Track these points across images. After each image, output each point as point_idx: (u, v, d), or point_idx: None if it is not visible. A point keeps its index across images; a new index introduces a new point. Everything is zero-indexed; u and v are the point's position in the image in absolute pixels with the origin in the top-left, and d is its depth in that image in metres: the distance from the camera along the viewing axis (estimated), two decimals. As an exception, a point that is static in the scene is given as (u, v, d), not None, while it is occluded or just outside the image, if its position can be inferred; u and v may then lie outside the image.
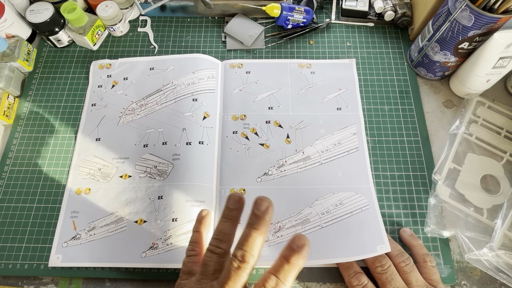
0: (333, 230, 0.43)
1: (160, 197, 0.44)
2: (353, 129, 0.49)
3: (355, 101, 0.51)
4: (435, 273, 0.39)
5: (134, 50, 0.56)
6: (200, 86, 0.51)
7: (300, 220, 0.43)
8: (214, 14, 0.59)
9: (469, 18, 0.41)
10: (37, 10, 0.52)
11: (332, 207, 0.44)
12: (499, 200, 0.44)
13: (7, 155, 0.49)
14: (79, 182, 0.46)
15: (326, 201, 0.44)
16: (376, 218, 0.43)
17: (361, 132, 0.49)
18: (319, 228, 0.43)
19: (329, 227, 0.43)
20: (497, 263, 0.40)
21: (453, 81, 0.52)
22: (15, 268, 0.43)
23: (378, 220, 0.43)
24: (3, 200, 0.46)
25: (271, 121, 0.50)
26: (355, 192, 0.45)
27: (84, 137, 0.49)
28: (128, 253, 0.42)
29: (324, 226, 0.43)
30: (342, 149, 0.48)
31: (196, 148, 0.47)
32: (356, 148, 0.48)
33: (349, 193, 0.45)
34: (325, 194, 0.45)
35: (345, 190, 0.45)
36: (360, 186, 0.46)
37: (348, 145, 0.48)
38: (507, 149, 0.47)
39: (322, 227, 0.43)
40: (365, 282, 0.38)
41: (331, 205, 0.44)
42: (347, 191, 0.45)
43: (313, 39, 0.57)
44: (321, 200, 0.44)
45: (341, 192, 0.45)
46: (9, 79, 0.51)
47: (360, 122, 0.50)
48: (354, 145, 0.48)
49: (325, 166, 0.47)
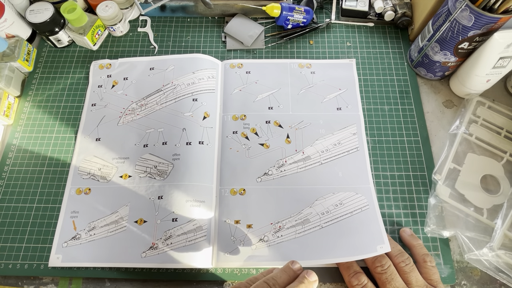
0: (333, 230, 0.43)
1: (160, 197, 0.44)
2: (353, 129, 0.49)
3: (355, 101, 0.51)
4: (435, 273, 0.39)
5: (134, 50, 0.56)
6: (200, 86, 0.51)
7: (300, 220, 0.43)
8: (214, 14, 0.59)
9: (469, 18, 0.41)
10: (37, 10, 0.52)
11: (332, 207, 0.44)
12: (499, 200, 0.44)
13: (7, 155, 0.49)
14: (79, 182, 0.46)
15: (326, 201, 0.44)
16: (376, 218, 0.43)
17: (361, 132, 0.49)
18: (319, 228, 0.43)
19: (329, 227, 0.43)
20: (497, 263, 0.40)
21: (453, 81, 0.52)
22: (15, 268, 0.43)
23: (378, 220, 0.43)
24: (3, 200, 0.46)
25: (271, 121, 0.50)
26: (355, 192, 0.45)
27: (84, 137, 0.49)
28: (128, 253, 0.42)
29: (324, 226, 0.43)
30: (342, 149, 0.48)
31: (196, 148, 0.47)
32: (356, 148, 0.48)
33: (349, 193, 0.45)
34: (325, 194, 0.45)
35: (345, 190, 0.45)
36: (360, 186, 0.46)
37: (348, 145, 0.48)
38: (507, 149, 0.47)
39: (322, 227, 0.43)
40: (364, 282, 0.38)
41: (331, 205, 0.44)
42: (347, 191, 0.45)
43: (313, 39, 0.57)
44: (321, 200, 0.44)
45: (341, 192, 0.45)
46: (9, 79, 0.51)
47: (360, 122, 0.50)
48: (354, 145, 0.48)
49: (325, 166, 0.47)
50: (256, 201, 0.45)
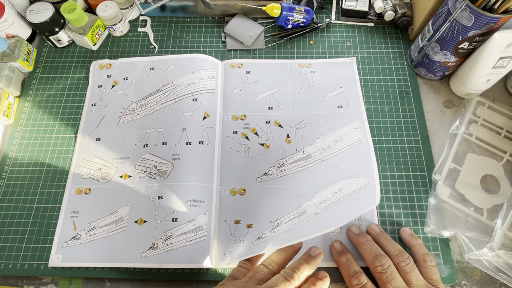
0: (328, 214, 0.43)
1: (160, 197, 0.44)
2: (355, 124, 0.49)
3: (356, 98, 0.51)
4: (435, 273, 0.39)
5: (134, 50, 0.56)
6: (200, 86, 0.51)
7: (297, 213, 0.44)
8: (214, 14, 0.59)
9: (469, 18, 0.41)
10: (37, 10, 0.52)
11: (331, 195, 0.44)
12: (499, 200, 0.44)
13: (7, 155, 0.49)
14: (79, 182, 0.46)
15: (326, 191, 0.45)
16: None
17: (364, 125, 0.49)
18: (314, 215, 0.43)
19: (325, 211, 0.43)
20: (497, 263, 0.40)
21: (453, 81, 0.52)
22: (15, 268, 0.43)
23: (375, 181, 0.45)
24: (3, 200, 0.46)
25: (271, 121, 0.50)
26: (357, 177, 0.45)
27: (84, 137, 0.49)
28: (128, 253, 0.42)
29: (319, 213, 0.43)
30: (344, 144, 0.48)
31: (196, 148, 0.47)
32: (359, 140, 0.48)
33: (350, 179, 0.45)
34: (325, 186, 0.45)
35: (346, 178, 0.45)
36: (363, 171, 0.46)
37: (350, 139, 0.48)
38: (507, 149, 0.47)
39: (317, 214, 0.43)
40: (364, 282, 0.38)
41: (330, 194, 0.44)
42: (349, 178, 0.45)
43: (313, 39, 0.57)
44: (321, 192, 0.45)
45: (342, 181, 0.45)
46: (9, 79, 0.51)
47: (362, 117, 0.49)
48: (357, 138, 0.48)
49: (326, 162, 0.47)
50: (256, 201, 0.45)
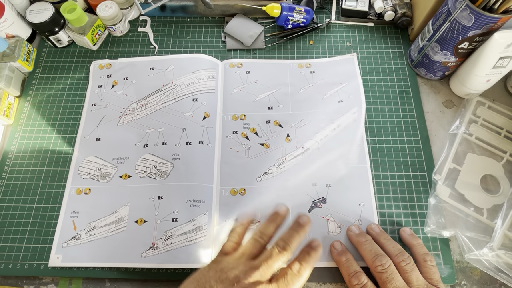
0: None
1: (160, 197, 0.44)
2: (353, 110, 0.49)
3: (357, 90, 0.51)
4: (435, 273, 0.39)
5: (134, 50, 0.56)
6: (200, 86, 0.51)
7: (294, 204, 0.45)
8: (214, 14, 0.59)
9: (469, 18, 0.41)
10: (37, 10, 0.52)
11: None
12: (499, 200, 0.44)
13: (7, 155, 0.49)
14: (79, 182, 0.46)
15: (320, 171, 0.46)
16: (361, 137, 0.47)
17: (361, 110, 0.48)
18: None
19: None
20: (497, 263, 0.40)
21: (453, 81, 0.52)
22: (15, 268, 0.43)
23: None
24: (3, 200, 0.46)
25: (271, 121, 0.50)
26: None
27: (84, 137, 0.49)
28: (128, 253, 0.42)
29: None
30: (340, 129, 0.48)
31: (196, 148, 0.47)
32: (354, 120, 0.48)
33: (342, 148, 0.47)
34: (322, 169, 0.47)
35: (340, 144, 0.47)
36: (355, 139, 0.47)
37: (346, 121, 0.48)
38: (507, 149, 0.47)
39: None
40: (364, 281, 0.38)
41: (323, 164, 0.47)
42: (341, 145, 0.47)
43: (313, 39, 0.57)
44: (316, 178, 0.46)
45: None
46: (9, 79, 0.51)
47: (361, 104, 0.49)
48: (352, 119, 0.48)
49: (322, 147, 0.47)
50: (256, 201, 0.45)
